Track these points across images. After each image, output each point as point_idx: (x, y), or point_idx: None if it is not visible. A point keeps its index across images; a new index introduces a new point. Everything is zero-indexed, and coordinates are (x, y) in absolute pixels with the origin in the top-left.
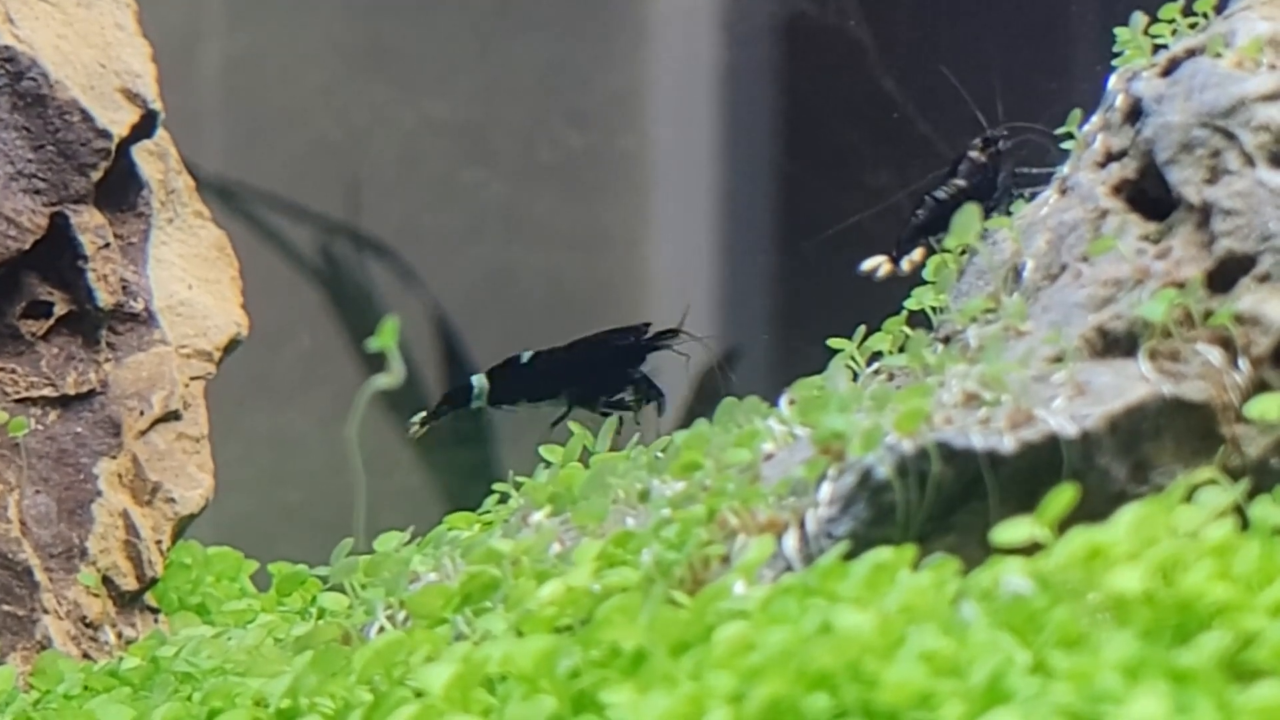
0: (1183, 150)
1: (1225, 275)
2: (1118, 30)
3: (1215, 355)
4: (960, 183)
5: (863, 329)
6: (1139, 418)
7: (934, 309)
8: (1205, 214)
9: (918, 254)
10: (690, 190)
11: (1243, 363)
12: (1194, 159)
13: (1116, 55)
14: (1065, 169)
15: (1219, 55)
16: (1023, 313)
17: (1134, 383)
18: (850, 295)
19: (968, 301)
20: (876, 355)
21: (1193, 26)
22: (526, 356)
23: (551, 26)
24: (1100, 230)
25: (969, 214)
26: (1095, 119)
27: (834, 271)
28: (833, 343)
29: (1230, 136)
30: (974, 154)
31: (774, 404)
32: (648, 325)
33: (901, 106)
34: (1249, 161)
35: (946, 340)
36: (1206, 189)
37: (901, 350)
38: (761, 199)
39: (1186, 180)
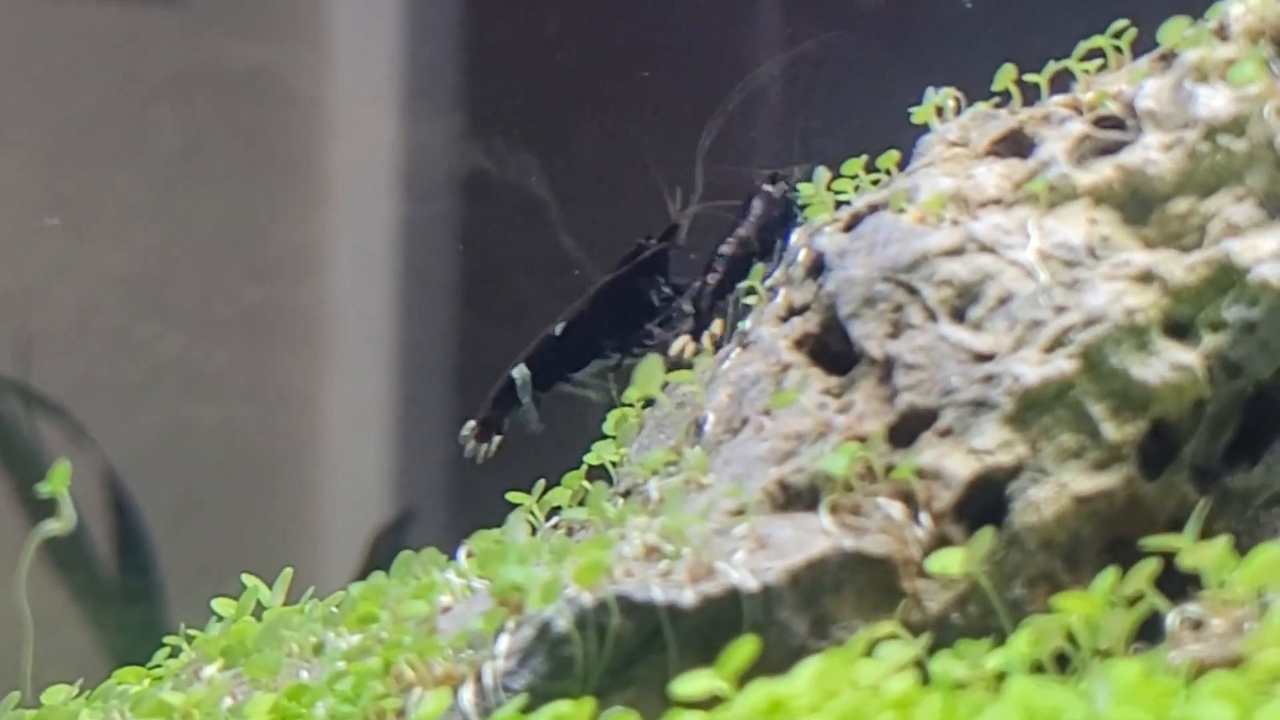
0: (865, 304)
1: (907, 429)
2: (802, 186)
3: (896, 510)
4: (741, 232)
5: (542, 483)
6: (820, 572)
7: (614, 463)
8: (887, 368)
9: (717, 326)
10: (368, 345)
11: (924, 517)
12: (876, 313)
13: (802, 208)
14: (748, 323)
15: (902, 210)
16: (704, 466)
17: (815, 536)
18: (529, 450)
19: (648, 455)
20: (556, 509)
21: (875, 183)
22: (559, 329)
23: (230, 179)
24: (782, 384)
25: (650, 366)
26: (778, 273)
27: (511, 425)
28: (511, 496)
29: (913, 291)
30: (766, 188)
31: (452, 556)
32: (648, 238)
33: (581, 263)
34: (931, 316)
35: (627, 494)
36: (889, 343)
37: (581, 504)
38: (440, 355)
39: (869, 334)
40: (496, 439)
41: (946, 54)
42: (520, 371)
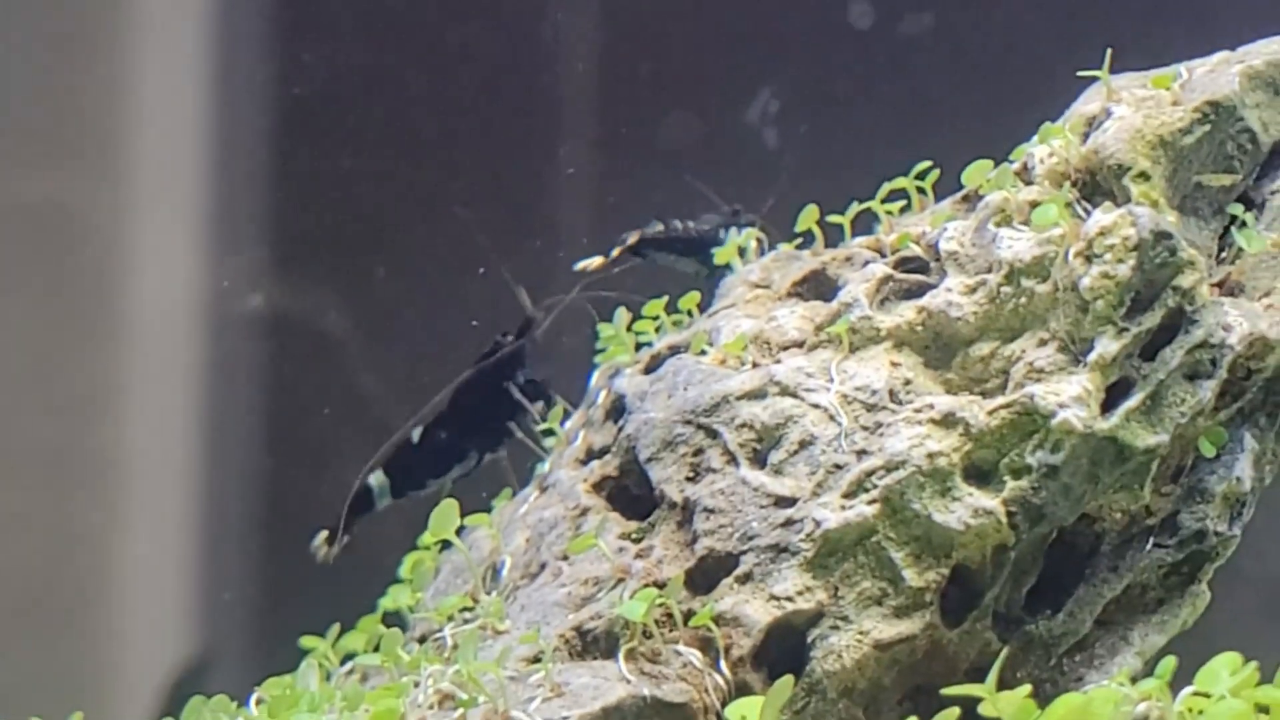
0: (665, 447)
1: (707, 574)
2: (600, 326)
3: (695, 657)
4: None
5: (336, 626)
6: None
7: (410, 608)
8: (687, 512)
9: (615, 251)
10: (167, 485)
11: (723, 664)
12: (676, 456)
13: (600, 351)
14: (545, 466)
15: (703, 352)
16: (500, 611)
17: (613, 683)
18: (327, 592)
19: (444, 600)
20: (350, 655)
21: (676, 324)
22: (416, 435)
23: (24, 317)
24: (580, 528)
25: (446, 511)
26: (577, 415)
27: (312, 567)
28: (304, 641)
29: (713, 434)
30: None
31: (244, 702)
32: (504, 335)
33: (381, 402)
34: (731, 459)
35: (423, 639)
36: (689, 487)
37: (376, 649)
38: (241, 495)
39: (668, 478)
40: (344, 539)
41: (750, 194)
42: (378, 479)
